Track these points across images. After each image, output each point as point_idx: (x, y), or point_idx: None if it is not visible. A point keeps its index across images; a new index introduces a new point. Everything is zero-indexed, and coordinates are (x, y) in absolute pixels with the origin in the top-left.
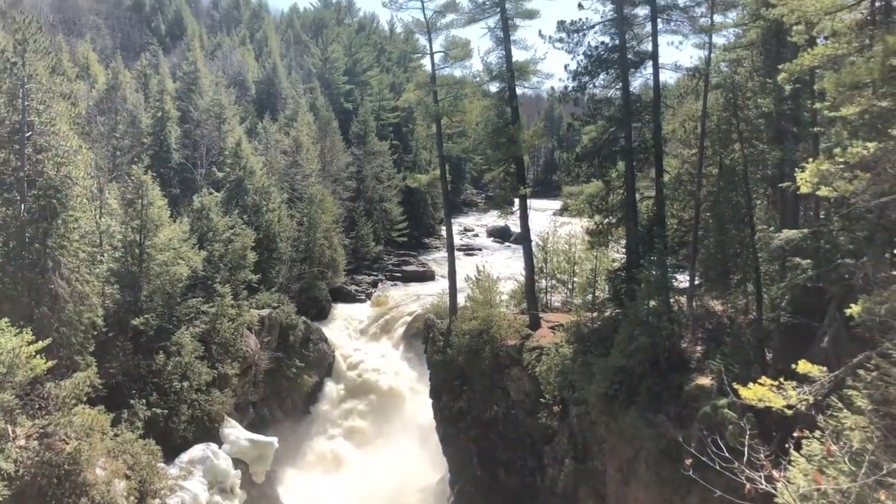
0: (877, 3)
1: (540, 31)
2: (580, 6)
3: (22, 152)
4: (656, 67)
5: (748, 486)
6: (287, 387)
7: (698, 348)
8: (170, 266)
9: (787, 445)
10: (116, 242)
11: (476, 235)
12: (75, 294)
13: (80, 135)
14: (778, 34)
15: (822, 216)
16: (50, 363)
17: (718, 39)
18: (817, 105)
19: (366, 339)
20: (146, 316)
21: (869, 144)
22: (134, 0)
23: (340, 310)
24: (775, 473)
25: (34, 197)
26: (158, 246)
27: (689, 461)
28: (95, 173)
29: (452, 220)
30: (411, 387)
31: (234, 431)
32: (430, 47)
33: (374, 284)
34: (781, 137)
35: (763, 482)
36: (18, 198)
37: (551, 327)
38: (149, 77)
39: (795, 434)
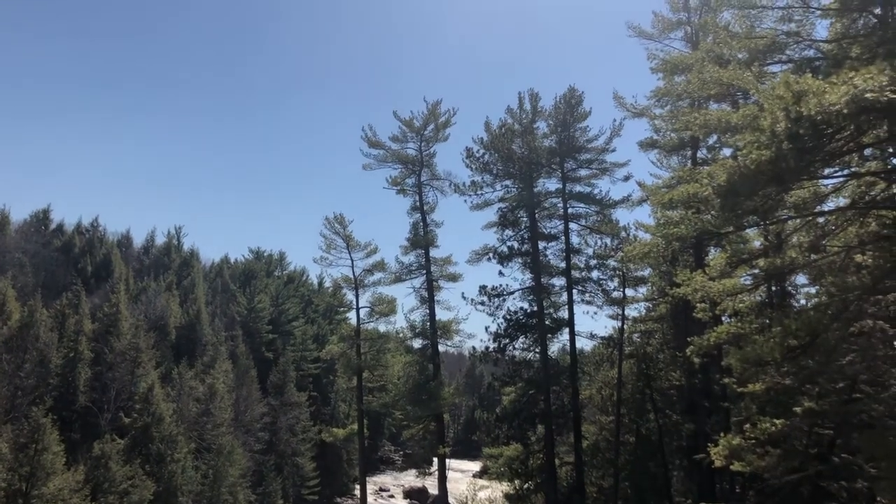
0: (773, 288)
1: (463, 293)
2: (501, 273)
3: None
4: (573, 334)
5: None
6: None
7: None
8: None
9: None
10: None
11: (392, 496)
12: None
13: None
14: (686, 309)
15: (737, 489)
16: None
17: (631, 312)
18: (726, 380)
19: None
20: None
21: (776, 421)
22: (64, 242)
23: None
24: None
25: None
26: (45, 496)
27: None
28: None
29: (368, 478)
30: None
31: None
32: (357, 302)
33: None
34: (694, 409)
35: None
36: None
37: None
38: (67, 316)
39: None
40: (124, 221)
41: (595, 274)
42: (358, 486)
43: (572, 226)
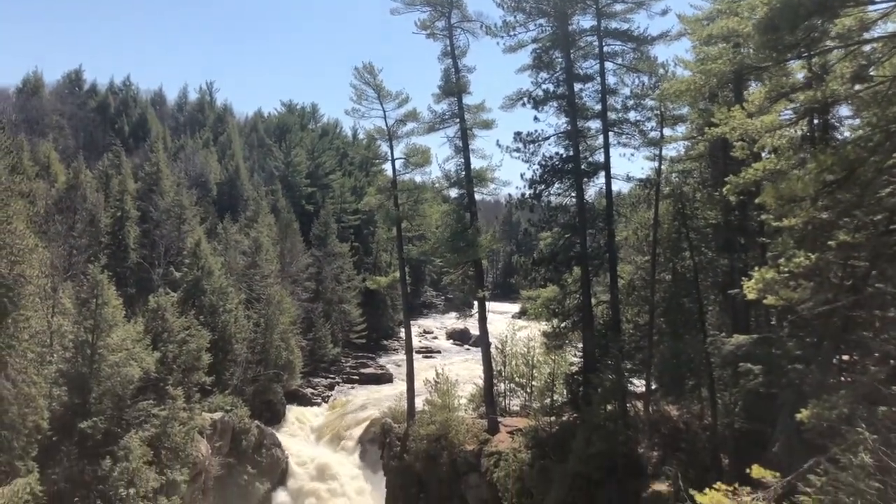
0: (815, 121)
1: (497, 140)
2: (536, 118)
3: None
4: (608, 178)
5: None
6: (238, 494)
7: (655, 454)
8: (121, 367)
9: None
10: (67, 342)
11: (435, 338)
12: (20, 396)
13: (37, 233)
14: (725, 147)
15: (772, 322)
16: None
17: (669, 152)
18: (763, 217)
19: (321, 444)
20: (94, 419)
21: (811, 255)
22: (98, 102)
23: (295, 413)
24: None
25: None
26: (111, 346)
27: None
28: (50, 272)
29: (412, 322)
30: (366, 495)
31: None
32: (392, 154)
33: (331, 387)
34: (730, 246)
35: None
36: None
37: (510, 432)
38: (110, 177)
39: None
40: (155, 79)
41: (632, 115)
42: (403, 329)
43: (608, 65)
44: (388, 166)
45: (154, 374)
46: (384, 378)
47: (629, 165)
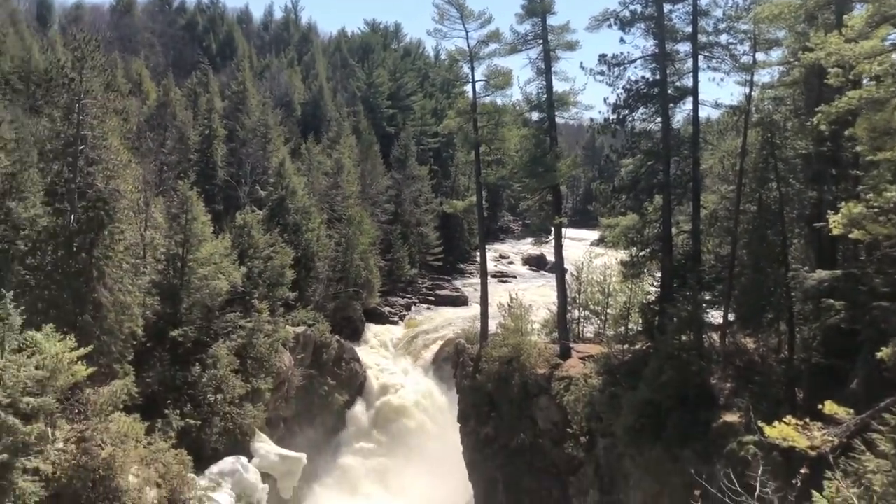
0: None
1: (581, 63)
2: (622, 40)
3: (75, 164)
4: (696, 103)
5: None
6: (318, 404)
7: (728, 385)
8: (210, 280)
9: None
10: (159, 255)
11: (511, 263)
12: (117, 304)
13: (130, 149)
14: (821, 74)
15: (860, 258)
16: (90, 370)
17: (761, 77)
18: (858, 148)
19: (398, 360)
20: (185, 328)
21: None
22: (187, 20)
23: (374, 330)
24: None
25: (83, 208)
26: (200, 260)
27: (697, 492)
28: (143, 187)
29: (488, 247)
30: (440, 410)
31: (265, 446)
32: (472, 75)
33: (408, 307)
34: (820, 178)
35: None
36: (69, 208)
37: (581, 358)
38: (198, 95)
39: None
40: None
41: (723, 38)
42: (479, 253)
43: None
44: (468, 88)
45: (241, 287)
46: (459, 300)
47: (718, 91)
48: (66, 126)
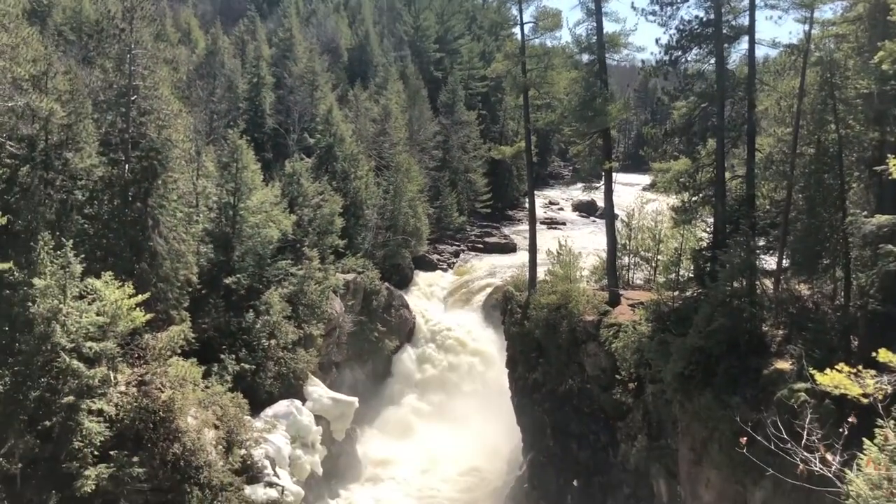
0: None
1: (632, 2)
2: None
3: (127, 115)
4: (752, 43)
5: (801, 467)
6: (369, 350)
7: (780, 332)
8: (261, 228)
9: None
10: (211, 203)
11: (561, 209)
12: (172, 252)
13: (181, 99)
14: (886, 9)
15: None
16: (148, 316)
17: (822, 14)
18: None
19: (446, 307)
20: (238, 275)
21: None
22: None
23: (422, 278)
24: (829, 457)
25: (137, 158)
26: (251, 208)
27: (743, 439)
28: (194, 136)
29: (537, 193)
30: (488, 356)
31: (318, 390)
32: (521, 17)
33: (456, 254)
34: (882, 119)
35: (819, 465)
36: (123, 158)
37: (631, 305)
38: (246, 43)
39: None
40: None
41: None
42: (527, 200)
43: None
44: (517, 30)
45: (291, 235)
46: (508, 247)
47: (776, 30)
48: (119, 77)
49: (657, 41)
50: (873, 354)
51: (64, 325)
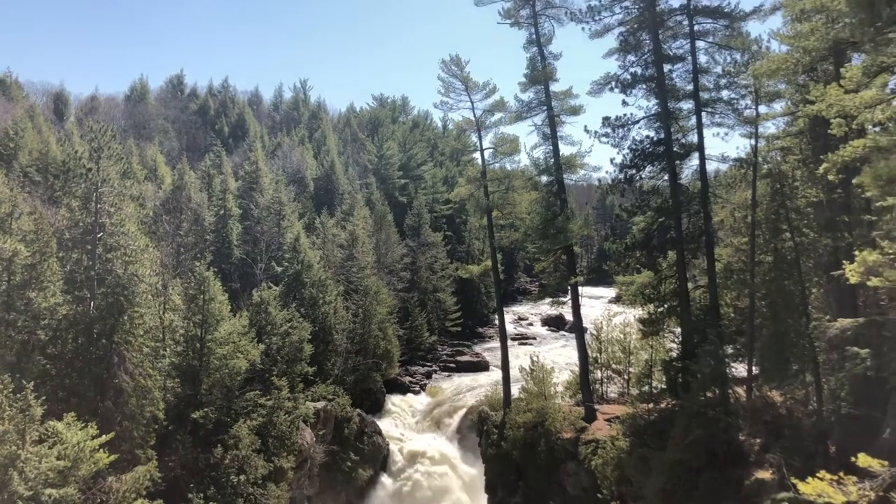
0: None
1: (585, 126)
2: (624, 102)
3: (93, 252)
4: (703, 159)
5: None
6: (342, 480)
7: (757, 441)
8: (229, 359)
9: None
10: (178, 337)
11: (530, 324)
12: (138, 388)
13: (147, 234)
14: (826, 123)
15: (882, 303)
16: (112, 457)
17: (766, 129)
18: (868, 193)
19: (420, 431)
20: (205, 409)
21: None
22: (199, 105)
23: (395, 401)
24: None
25: (103, 294)
26: (218, 340)
27: None
28: (160, 270)
29: (506, 309)
30: (466, 481)
31: None
32: (480, 144)
33: (429, 375)
34: (833, 225)
35: None
36: (88, 295)
37: (607, 419)
38: (212, 177)
39: None
40: (251, 80)
41: (725, 93)
42: (497, 317)
43: (699, 44)
44: (477, 156)
45: (259, 365)
46: (480, 366)
47: (724, 145)
48: (85, 215)
49: (612, 161)
50: (852, 459)
51: (22, 472)
